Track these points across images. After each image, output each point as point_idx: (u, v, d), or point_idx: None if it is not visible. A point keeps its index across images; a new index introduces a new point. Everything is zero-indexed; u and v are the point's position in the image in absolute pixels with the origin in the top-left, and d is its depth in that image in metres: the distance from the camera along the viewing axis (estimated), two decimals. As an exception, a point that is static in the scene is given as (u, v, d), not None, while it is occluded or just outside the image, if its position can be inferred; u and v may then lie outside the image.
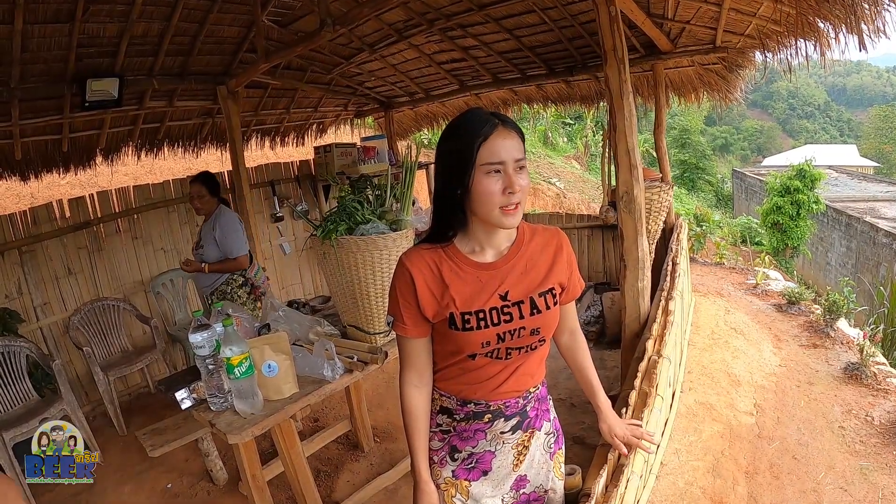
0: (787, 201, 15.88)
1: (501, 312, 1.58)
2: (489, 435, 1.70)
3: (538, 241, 1.69)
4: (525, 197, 1.55)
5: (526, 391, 1.69)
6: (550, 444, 1.79)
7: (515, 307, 1.59)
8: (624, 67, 3.17)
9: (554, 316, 1.65)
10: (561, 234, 1.74)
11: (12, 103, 4.44)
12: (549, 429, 1.79)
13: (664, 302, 3.57)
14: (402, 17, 5.30)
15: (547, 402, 1.82)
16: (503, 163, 1.49)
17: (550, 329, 1.67)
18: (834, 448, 3.96)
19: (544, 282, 1.64)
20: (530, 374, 1.69)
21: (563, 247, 1.72)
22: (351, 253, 2.61)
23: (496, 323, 1.57)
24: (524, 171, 1.54)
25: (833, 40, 3.63)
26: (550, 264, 1.67)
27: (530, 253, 1.66)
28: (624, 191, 3.31)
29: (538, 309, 1.60)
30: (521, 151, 1.53)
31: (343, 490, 3.65)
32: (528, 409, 1.72)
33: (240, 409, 2.34)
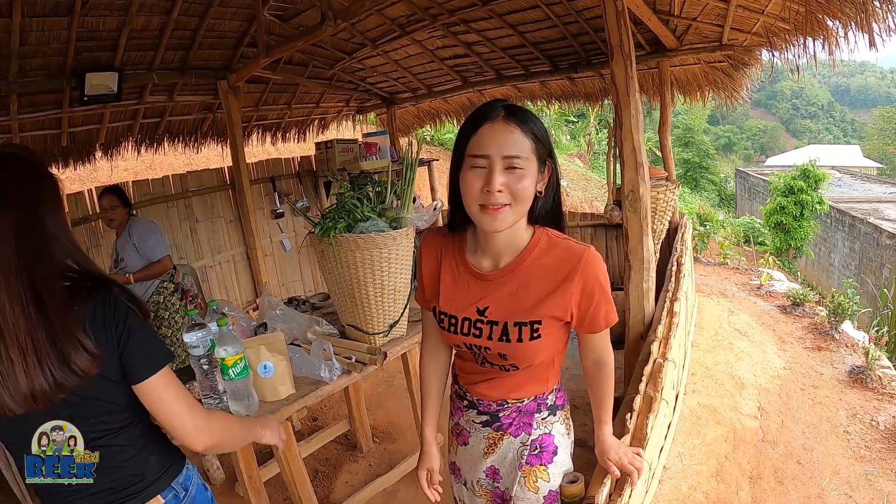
0: (791, 201, 15.84)
1: (473, 325, 1.54)
2: (465, 417, 1.74)
3: (549, 260, 1.49)
4: (520, 201, 1.39)
5: (502, 400, 1.64)
6: (524, 455, 1.65)
7: (488, 326, 1.52)
8: (630, 64, 3.12)
9: (529, 350, 1.50)
10: (587, 261, 1.45)
11: (11, 97, 4.42)
12: (525, 440, 1.65)
13: (669, 303, 3.52)
14: (405, 12, 5.25)
15: (532, 417, 1.64)
16: (488, 157, 1.36)
17: (524, 361, 1.54)
18: (839, 453, 3.92)
19: (530, 311, 1.48)
20: (511, 389, 1.62)
21: (578, 275, 1.45)
22: (350, 251, 2.55)
23: (465, 333, 1.55)
24: (518, 172, 1.37)
25: (842, 39, 3.58)
26: (549, 292, 1.47)
27: (529, 272, 1.50)
28: (629, 189, 3.26)
29: (508, 337, 1.49)
30: (517, 149, 1.36)
31: (341, 491, 3.61)
32: (502, 415, 1.65)
33: (235, 410, 2.29)
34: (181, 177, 5.99)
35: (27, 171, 1.37)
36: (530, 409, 1.64)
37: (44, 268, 1.30)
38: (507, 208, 1.38)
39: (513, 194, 1.37)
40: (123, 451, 1.45)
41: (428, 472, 1.89)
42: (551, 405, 1.67)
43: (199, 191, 6.11)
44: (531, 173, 1.39)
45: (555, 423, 1.68)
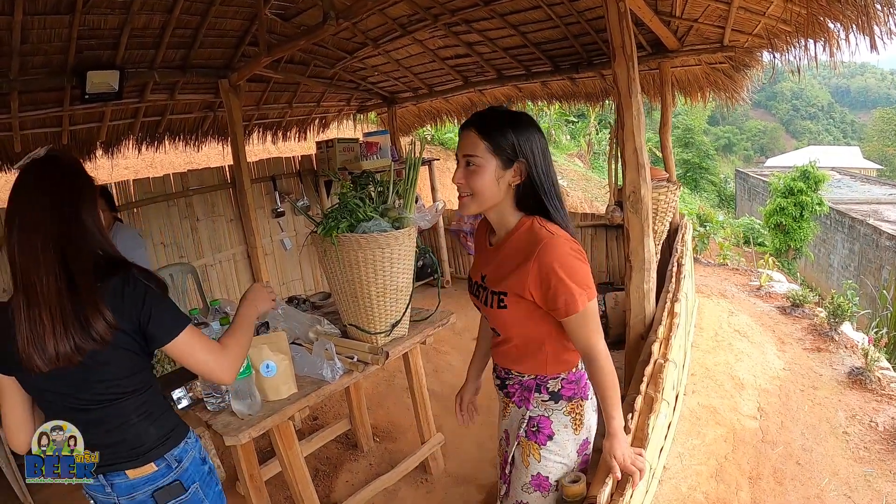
0: (791, 202, 15.86)
1: (478, 288, 1.84)
2: (494, 378, 2.02)
3: (521, 242, 1.70)
4: (476, 192, 1.68)
5: (508, 370, 1.88)
6: (523, 426, 1.85)
7: (483, 290, 1.80)
8: (633, 65, 3.12)
9: (500, 316, 1.75)
10: (542, 247, 1.61)
11: (12, 95, 4.41)
12: (525, 414, 1.85)
13: (670, 304, 3.53)
14: (407, 12, 5.25)
15: (532, 394, 1.83)
16: (458, 155, 1.72)
17: (501, 327, 1.80)
18: (838, 454, 3.93)
19: (500, 282, 1.72)
20: (511, 360, 1.85)
21: (533, 259, 1.61)
22: (352, 251, 2.56)
23: (473, 294, 1.88)
24: (472, 168, 1.67)
25: (843, 41, 3.59)
26: (512, 269, 1.68)
27: (507, 249, 1.74)
28: (631, 190, 3.27)
29: (489, 302, 1.76)
30: (472, 149, 1.66)
31: (342, 490, 3.62)
32: (508, 384, 1.89)
33: (237, 409, 2.30)
34: (182, 175, 6.00)
35: (70, 172, 1.67)
36: (530, 387, 1.83)
37: (76, 251, 1.57)
38: (469, 198, 1.71)
39: (470, 187, 1.68)
40: (127, 417, 1.68)
41: (460, 399, 2.27)
42: (554, 392, 1.81)
43: (200, 189, 6.12)
44: (486, 170, 1.66)
45: (556, 410, 1.82)
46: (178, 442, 1.79)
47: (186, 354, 1.67)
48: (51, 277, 1.52)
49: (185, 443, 1.82)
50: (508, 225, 1.75)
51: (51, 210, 1.57)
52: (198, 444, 1.92)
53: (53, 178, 1.62)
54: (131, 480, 1.71)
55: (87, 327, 1.51)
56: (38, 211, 1.57)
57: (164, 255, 5.80)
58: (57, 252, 1.54)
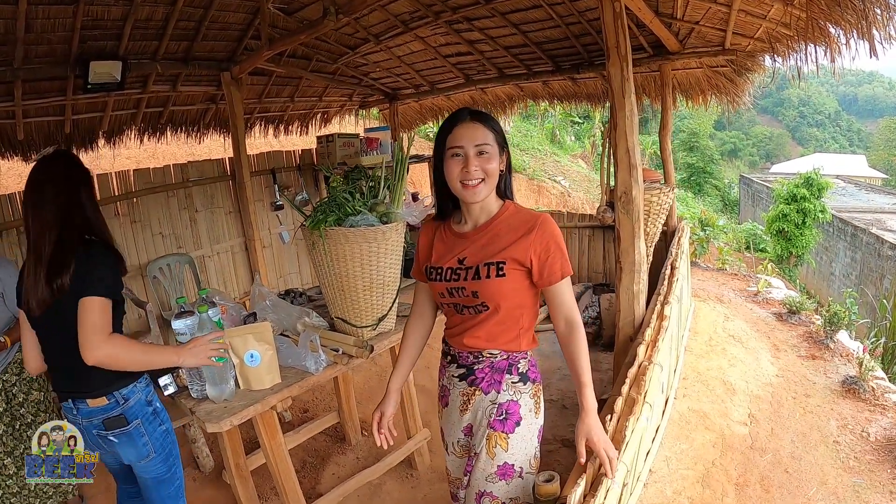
0: (794, 209, 15.80)
1: (454, 272, 1.90)
2: (447, 374, 2.06)
3: (514, 220, 1.89)
4: (490, 176, 1.84)
5: (478, 351, 1.92)
6: (491, 414, 1.90)
7: (465, 270, 1.88)
8: (627, 65, 3.12)
9: (495, 286, 1.83)
10: (543, 220, 1.86)
11: (15, 84, 4.42)
12: (494, 399, 1.91)
13: (660, 307, 3.52)
14: (409, 9, 5.26)
15: (503, 376, 1.91)
16: (462, 147, 1.82)
17: (491, 297, 1.85)
18: (827, 463, 3.92)
19: (497, 254, 1.84)
20: (483, 338, 1.90)
21: (536, 230, 1.83)
22: (339, 244, 2.57)
23: (447, 279, 1.91)
24: (486, 155, 1.83)
25: (844, 46, 3.58)
26: (512, 241, 1.84)
27: (498, 228, 1.89)
28: (622, 191, 3.27)
29: (479, 275, 1.84)
30: (483, 138, 1.83)
31: (328, 482, 3.63)
32: (476, 368, 1.94)
33: (211, 395, 2.33)
34: (182, 166, 6.00)
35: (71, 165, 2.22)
36: (502, 367, 1.92)
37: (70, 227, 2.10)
38: (482, 183, 1.83)
39: (485, 171, 1.82)
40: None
41: (380, 416, 2.14)
42: (522, 372, 1.94)
43: (200, 181, 6.12)
44: (496, 156, 1.85)
45: (524, 393, 1.94)
46: (127, 384, 2.19)
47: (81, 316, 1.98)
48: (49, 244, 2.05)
49: (134, 386, 2.21)
50: (491, 210, 1.92)
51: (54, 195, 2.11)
52: (147, 389, 2.28)
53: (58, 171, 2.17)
54: (90, 408, 2.14)
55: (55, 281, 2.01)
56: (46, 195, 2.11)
57: (163, 246, 5.81)
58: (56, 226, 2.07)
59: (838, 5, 3.26)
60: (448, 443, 2.08)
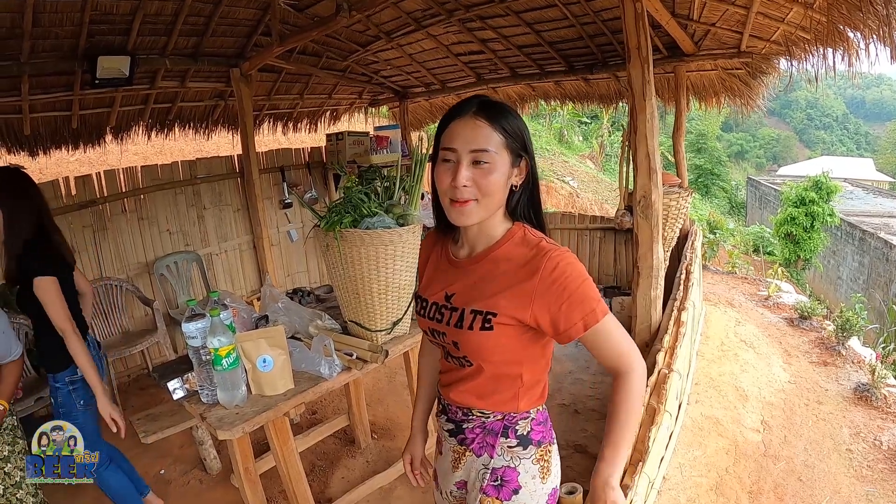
0: (802, 212, 15.74)
1: (438, 310, 1.53)
2: (440, 423, 1.70)
3: (518, 255, 1.43)
4: (486, 195, 1.38)
5: (468, 408, 1.56)
6: (484, 478, 1.55)
7: (450, 311, 1.50)
8: (648, 67, 3.08)
9: (479, 341, 1.44)
10: (546, 261, 1.37)
11: (22, 78, 4.38)
12: (487, 463, 1.55)
13: (676, 312, 3.48)
14: (421, 6, 5.21)
15: (496, 439, 1.54)
16: (454, 150, 1.37)
17: (475, 354, 1.47)
18: (840, 471, 3.88)
19: (487, 300, 1.42)
20: (476, 395, 1.54)
21: (536, 275, 1.37)
22: (355, 246, 2.52)
23: (430, 317, 1.55)
24: (485, 166, 1.36)
25: (863, 51, 3.54)
26: (509, 286, 1.41)
27: (496, 262, 1.45)
28: (641, 195, 3.22)
29: (462, 323, 1.45)
30: (485, 143, 1.35)
31: (337, 486, 3.59)
32: (466, 427, 1.58)
33: (222, 400, 2.28)
34: (190, 163, 5.97)
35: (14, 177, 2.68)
36: (495, 429, 1.54)
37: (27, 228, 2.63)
38: (474, 203, 1.37)
39: (479, 189, 1.36)
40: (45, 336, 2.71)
41: (411, 458, 1.92)
42: (522, 435, 1.54)
43: (208, 178, 6.08)
44: (500, 168, 1.37)
45: (524, 458, 1.55)
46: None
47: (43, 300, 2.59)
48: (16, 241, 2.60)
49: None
50: (493, 235, 1.48)
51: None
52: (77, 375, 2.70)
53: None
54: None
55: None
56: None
57: (170, 243, 5.77)
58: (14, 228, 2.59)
59: (860, 10, 3.21)
60: (440, 487, 1.75)
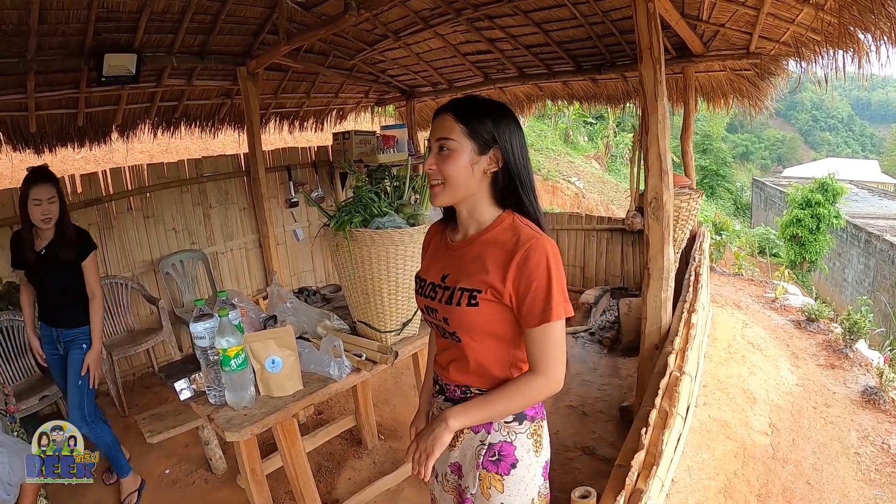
0: (808, 214, 15.69)
1: (433, 289, 1.65)
2: (436, 404, 1.79)
3: (504, 238, 1.55)
4: (449, 180, 1.54)
5: (466, 386, 1.66)
6: (482, 454, 1.62)
7: (442, 289, 1.62)
8: (660, 67, 3.05)
9: (466, 317, 1.55)
10: (530, 245, 1.49)
11: (28, 75, 4.37)
12: (484, 439, 1.62)
13: (687, 315, 3.45)
14: (429, 5, 5.19)
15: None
16: (430, 141, 1.58)
17: (462, 329, 1.57)
18: (849, 475, 3.86)
19: (473, 278, 1.55)
20: (471, 372, 1.63)
21: (518, 257, 1.48)
22: (365, 246, 2.50)
23: (425, 296, 1.68)
24: (445, 153, 1.53)
25: (873, 53, 3.52)
26: (493, 265, 1.52)
27: (485, 245, 1.58)
28: (653, 196, 3.20)
29: (451, 300, 1.57)
30: (447, 132, 1.53)
31: (344, 487, 3.57)
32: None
33: (230, 401, 2.26)
34: (196, 162, 5.97)
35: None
36: None
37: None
38: (441, 187, 1.56)
39: (442, 174, 1.54)
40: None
41: (416, 431, 1.91)
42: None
43: (214, 176, 6.08)
44: (460, 155, 1.53)
45: (519, 433, 1.63)
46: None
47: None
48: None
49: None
50: (483, 220, 1.62)
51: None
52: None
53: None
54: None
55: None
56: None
57: (176, 241, 5.77)
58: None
59: (871, 12, 3.20)
60: (437, 471, 1.80)
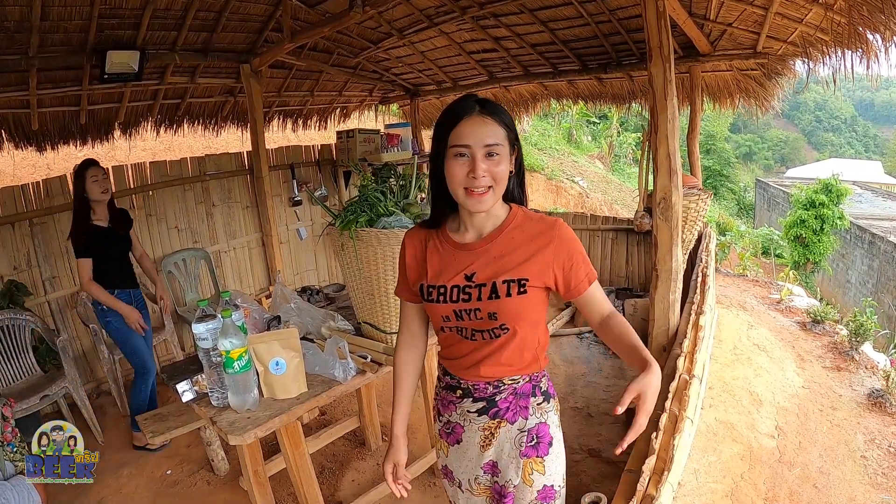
0: (812, 215, 15.63)
1: (462, 291, 1.63)
2: (458, 409, 1.77)
3: (528, 228, 1.64)
4: (499, 182, 1.56)
5: (497, 380, 1.69)
6: (522, 443, 1.70)
7: (476, 288, 1.62)
8: (669, 66, 3.02)
9: (517, 306, 1.59)
10: (557, 229, 1.63)
11: (30, 72, 4.36)
12: (522, 426, 1.71)
13: (695, 317, 3.42)
14: (434, 3, 5.17)
15: (528, 400, 1.71)
16: (468, 146, 1.52)
17: (513, 318, 1.61)
18: (855, 479, 3.82)
19: (515, 270, 1.60)
20: (505, 364, 1.67)
21: (552, 242, 1.61)
22: (371, 246, 2.47)
23: (455, 300, 1.64)
24: (496, 157, 1.54)
25: (882, 54, 3.50)
26: (529, 256, 1.61)
27: (511, 238, 1.64)
28: (661, 197, 3.17)
29: (497, 294, 1.59)
30: (494, 137, 1.54)
31: (347, 489, 3.54)
32: (499, 399, 1.71)
33: (233, 403, 2.23)
34: (199, 160, 5.94)
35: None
36: (526, 391, 1.71)
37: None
38: (490, 191, 1.55)
39: (493, 177, 1.54)
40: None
41: (394, 467, 1.91)
42: (545, 391, 1.75)
43: (217, 175, 6.06)
44: (506, 157, 1.57)
45: (549, 411, 1.74)
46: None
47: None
48: None
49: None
50: (498, 217, 1.67)
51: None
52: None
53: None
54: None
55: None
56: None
57: (178, 240, 5.75)
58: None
59: (882, 12, 3.17)
60: (459, 480, 1.84)
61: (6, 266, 4.59)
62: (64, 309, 4.91)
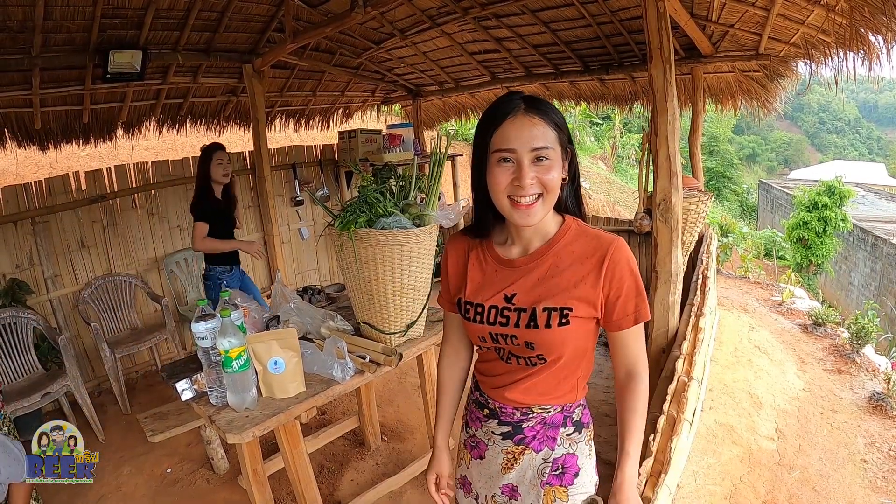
0: (815, 217, 15.62)
1: (500, 314, 1.49)
2: (484, 428, 1.65)
3: (579, 246, 1.46)
4: (550, 191, 1.39)
5: (527, 407, 1.55)
6: (545, 472, 1.55)
7: (515, 313, 1.47)
8: (670, 67, 3.01)
9: (557, 338, 1.43)
10: (613, 250, 1.42)
11: (33, 72, 4.38)
12: (548, 456, 1.55)
13: (695, 318, 3.42)
14: (436, 4, 5.16)
15: (558, 430, 1.55)
16: (513, 150, 1.36)
17: (552, 350, 1.45)
18: (855, 482, 3.82)
19: (560, 296, 1.43)
20: (539, 392, 1.53)
21: (607, 263, 1.42)
22: (370, 247, 2.47)
23: (492, 322, 1.50)
24: (546, 163, 1.37)
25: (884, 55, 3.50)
26: (580, 279, 1.43)
27: (559, 258, 1.47)
28: (661, 198, 3.17)
29: (535, 323, 1.43)
30: (543, 140, 1.36)
31: (346, 488, 3.55)
32: (525, 426, 1.57)
33: (232, 402, 2.23)
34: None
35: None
36: (556, 422, 1.55)
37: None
38: (539, 201, 1.39)
39: (543, 185, 1.37)
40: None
41: (437, 478, 1.82)
42: (577, 421, 1.57)
43: (219, 174, 6.06)
44: (558, 163, 1.39)
45: (580, 442, 1.58)
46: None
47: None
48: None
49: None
50: (548, 231, 1.50)
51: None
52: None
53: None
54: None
55: None
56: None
57: (180, 239, 5.75)
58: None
59: (884, 14, 3.17)
60: (478, 493, 1.71)
61: (8, 264, 4.60)
62: (66, 307, 4.92)
